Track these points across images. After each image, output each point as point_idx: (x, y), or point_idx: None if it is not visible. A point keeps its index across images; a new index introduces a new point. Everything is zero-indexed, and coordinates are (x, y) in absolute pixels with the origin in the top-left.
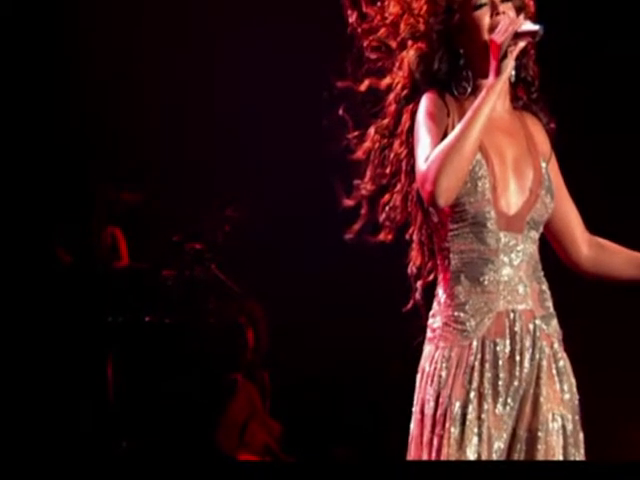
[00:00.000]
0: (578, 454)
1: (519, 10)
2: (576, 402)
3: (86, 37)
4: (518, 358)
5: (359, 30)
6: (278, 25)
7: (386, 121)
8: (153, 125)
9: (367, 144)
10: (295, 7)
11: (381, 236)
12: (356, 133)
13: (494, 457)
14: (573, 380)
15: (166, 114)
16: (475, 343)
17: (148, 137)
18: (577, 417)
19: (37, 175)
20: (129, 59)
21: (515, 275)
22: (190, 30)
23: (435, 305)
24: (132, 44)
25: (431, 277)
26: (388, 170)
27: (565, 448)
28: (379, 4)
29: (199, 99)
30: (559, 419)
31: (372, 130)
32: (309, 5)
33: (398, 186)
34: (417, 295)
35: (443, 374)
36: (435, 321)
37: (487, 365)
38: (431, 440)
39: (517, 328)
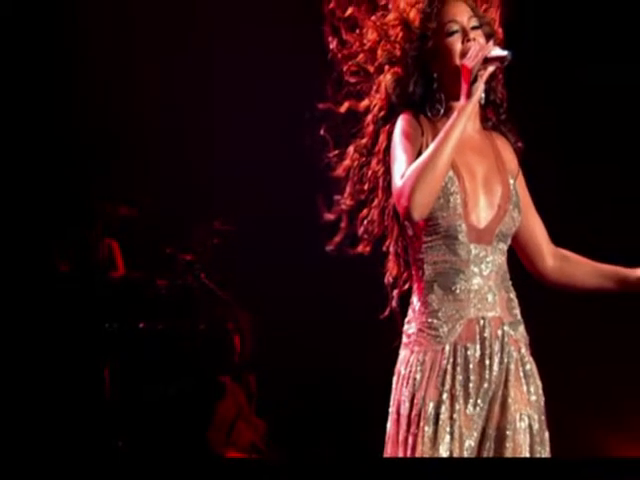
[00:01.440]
0: (544, 451)
1: (489, 37)
2: (542, 403)
3: (86, 43)
4: (488, 362)
5: (339, 56)
6: (264, 51)
7: (364, 140)
8: (150, 144)
9: (347, 162)
10: (279, 36)
11: (360, 248)
12: (336, 152)
13: (465, 454)
14: (539, 382)
15: (161, 134)
16: (447, 348)
17: (144, 155)
18: (543, 417)
19: (38, 188)
20: (129, 73)
21: (485, 284)
22: (186, 51)
23: (410, 312)
24: (133, 62)
25: (406, 286)
26: (366, 186)
27: (532, 446)
28: (358, 31)
29: (195, 118)
30: (526, 419)
31: (351, 149)
32: (293, 33)
33: (375, 201)
34: (393, 303)
35: (418, 377)
36: (410, 327)
37: (459, 368)
38: (406, 439)
39: (487, 334)
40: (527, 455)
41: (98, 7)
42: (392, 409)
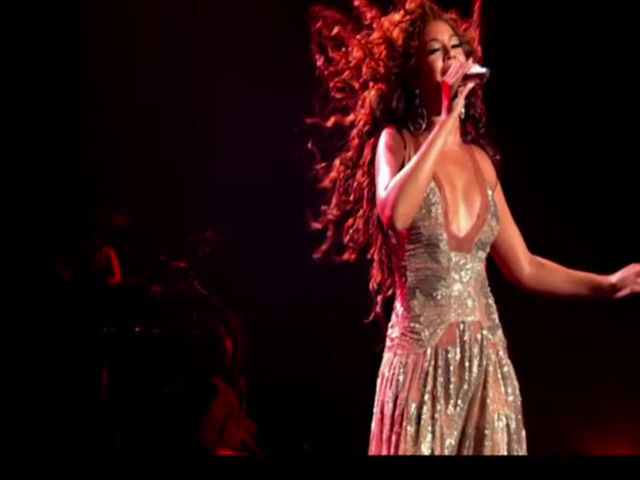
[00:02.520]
0: (521, 449)
1: (468, 55)
2: (519, 403)
3: (86, 43)
4: (467, 364)
5: (326, 72)
6: (256, 69)
7: (350, 153)
8: (147, 156)
9: (333, 174)
10: (269, 54)
11: (345, 256)
12: (323, 164)
13: (446, 452)
14: (516, 384)
15: (158, 146)
16: (429, 351)
17: (141, 166)
18: (520, 416)
19: (40, 199)
20: (129, 73)
21: (464, 290)
22: (186, 51)
23: (393, 317)
24: (133, 62)
25: (390, 292)
26: (352, 197)
27: (509, 444)
28: (344, 49)
29: (193, 130)
30: (504, 418)
31: (337, 162)
32: (282, 51)
33: (360, 211)
34: (377, 308)
35: (400, 378)
36: (393, 331)
37: (440, 370)
38: (390, 437)
39: (466, 337)
40: (505, 453)
41: (98, 7)
42: (376, 409)
